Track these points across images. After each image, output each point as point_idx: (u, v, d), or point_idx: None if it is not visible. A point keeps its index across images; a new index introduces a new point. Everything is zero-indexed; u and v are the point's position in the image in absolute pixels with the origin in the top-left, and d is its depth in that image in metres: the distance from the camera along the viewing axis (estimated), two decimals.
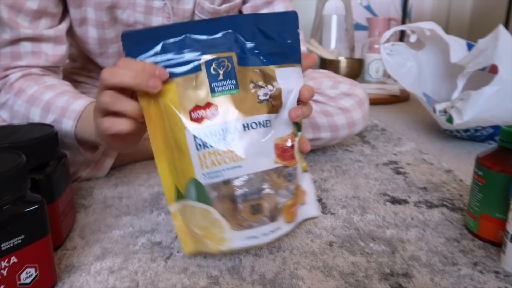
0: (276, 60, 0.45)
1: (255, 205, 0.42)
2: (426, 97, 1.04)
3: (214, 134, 0.42)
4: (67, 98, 0.58)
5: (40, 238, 0.39)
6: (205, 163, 0.42)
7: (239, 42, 0.44)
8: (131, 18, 0.67)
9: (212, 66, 0.43)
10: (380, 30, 1.74)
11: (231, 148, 0.42)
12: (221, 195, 0.42)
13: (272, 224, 0.43)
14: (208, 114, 0.42)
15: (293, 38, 0.46)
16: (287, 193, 0.44)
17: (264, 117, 0.43)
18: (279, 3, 0.77)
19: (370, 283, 0.43)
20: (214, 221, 0.42)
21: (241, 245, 0.42)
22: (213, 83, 0.42)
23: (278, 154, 0.44)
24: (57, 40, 0.63)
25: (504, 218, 0.49)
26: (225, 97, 0.42)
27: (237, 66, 0.43)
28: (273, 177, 0.43)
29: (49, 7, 0.60)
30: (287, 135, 0.45)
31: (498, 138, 0.50)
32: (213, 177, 0.42)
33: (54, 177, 0.47)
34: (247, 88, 0.43)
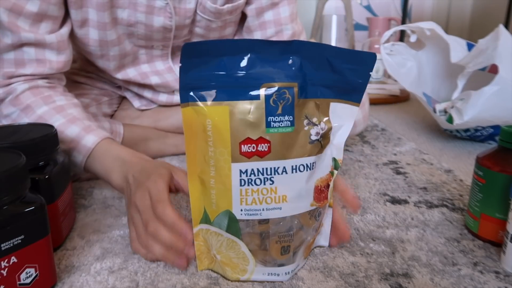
0: (333, 94, 0.43)
1: (286, 246, 0.42)
2: (426, 97, 1.04)
3: (261, 173, 0.40)
4: (78, 129, 0.58)
5: (40, 238, 0.39)
6: (246, 199, 0.40)
7: (304, 71, 0.40)
8: (132, 18, 0.66)
9: (273, 97, 0.39)
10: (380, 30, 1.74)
11: (275, 189, 0.40)
12: (253, 232, 0.41)
13: (294, 264, 0.43)
14: (259, 149, 0.39)
15: (363, 79, 0.44)
16: (314, 232, 0.44)
17: (312, 159, 0.41)
18: (284, 4, 0.75)
19: (370, 283, 0.43)
20: (241, 254, 0.42)
21: (260, 278, 0.43)
22: (270, 117, 0.39)
23: (316, 196, 0.43)
24: (60, 46, 0.62)
25: (504, 218, 0.49)
26: (279, 134, 0.39)
27: (297, 99, 0.40)
28: (307, 218, 0.43)
29: (50, 10, 0.60)
30: (326, 175, 0.43)
31: (498, 138, 0.50)
32: (250, 214, 0.41)
33: (54, 177, 0.47)
34: (302, 125, 0.41)
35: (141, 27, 0.68)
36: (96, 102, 0.79)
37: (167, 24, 0.69)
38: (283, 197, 0.40)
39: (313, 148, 0.41)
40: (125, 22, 0.67)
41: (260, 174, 0.40)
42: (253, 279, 0.43)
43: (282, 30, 0.76)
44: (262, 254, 0.42)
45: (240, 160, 0.39)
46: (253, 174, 0.40)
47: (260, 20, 0.75)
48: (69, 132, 0.58)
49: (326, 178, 0.44)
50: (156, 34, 0.70)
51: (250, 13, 0.75)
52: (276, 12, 0.75)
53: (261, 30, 0.76)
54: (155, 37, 0.71)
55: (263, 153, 0.39)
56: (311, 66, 0.41)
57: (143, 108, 0.84)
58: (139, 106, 0.83)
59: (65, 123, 0.58)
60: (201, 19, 0.72)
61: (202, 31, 0.75)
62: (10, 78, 0.60)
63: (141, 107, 0.83)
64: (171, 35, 0.72)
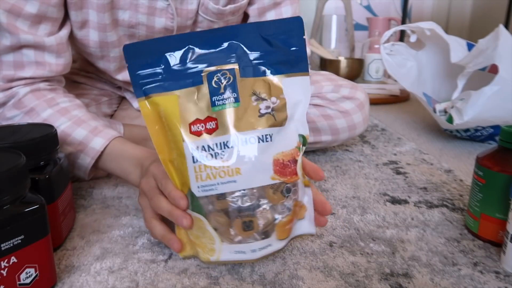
0: (282, 70, 0.44)
1: (248, 221, 0.42)
2: (426, 97, 1.04)
3: (211, 148, 0.42)
4: (85, 132, 0.59)
5: (39, 238, 0.39)
6: (200, 176, 0.42)
7: (243, 52, 0.44)
8: (133, 20, 0.66)
9: (214, 79, 0.43)
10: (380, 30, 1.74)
11: (227, 162, 0.42)
12: (216, 209, 0.42)
13: (263, 241, 0.43)
14: (207, 127, 0.42)
15: (299, 45, 0.45)
16: (284, 209, 0.44)
17: (264, 131, 0.43)
18: (287, 4, 0.75)
19: (370, 283, 0.43)
20: (206, 231, 0.43)
21: (228, 258, 0.43)
22: (214, 97, 0.43)
23: (277, 170, 0.43)
24: (60, 49, 0.62)
25: (504, 218, 0.49)
26: (225, 110, 0.42)
27: (239, 78, 0.43)
28: (269, 192, 0.43)
29: (49, 11, 0.59)
30: (290, 150, 0.44)
31: (498, 138, 0.50)
32: (207, 190, 0.42)
33: (54, 177, 0.47)
34: (249, 101, 0.43)
35: (143, 29, 0.68)
36: (96, 102, 0.79)
37: (168, 25, 0.69)
38: (236, 170, 0.42)
39: (265, 120, 0.43)
40: (126, 23, 0.66)
41: (210, 149, 0.42)
42: (222, 260, 0.43)
43: None
44: (227, 231, 0.42)
45: (190, 139, 0.42)
46: (204, 150, 0.42)
47: (262, 20, 0.75)
48: (76, 134, 0.58)
49: (291, 152, 0.44)
50: (157, 36, 0.70)
51: (252, 13, 0.75)
52: (278, 12, 0.75)
53: None
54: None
55: (211, 130, 0.42)
56: (249, 47, 0.44)
57: None
58: (138, 107, 0.83)
59: (71, 125, 0.59)
60: (203, 20, 0.72)
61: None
62: (11, 81, 0.60)
63: None
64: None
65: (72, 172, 0.61)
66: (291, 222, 0.44)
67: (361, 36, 2.14)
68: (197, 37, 0.43)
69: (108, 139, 0.59)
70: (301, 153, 0.45)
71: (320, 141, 0.79)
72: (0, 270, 0.36)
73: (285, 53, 0.44)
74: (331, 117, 0.77)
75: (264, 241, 0.43)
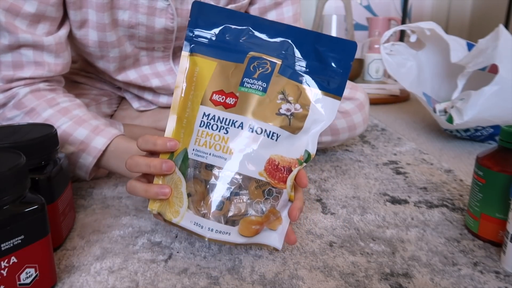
0: (320, 85, 0.46)
1: (220, 201, 0.43)
2: (426, 97, 1.04)
3: (220, 120, 0.44)
4: (86, 132, 0.59)
5: (39, 238, 0.39)
6: (199, 140, 0.44)
7: (291, 53, 0.46)
8: (133, 20, 0.66)
9: (253, 63, 0.45)
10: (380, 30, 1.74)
11: (226, 139, 0.43)
12: (200, 178, 0.44)
13: (224, 226, 0.43)
14: (226, 101, 0.44)
15: (344, 69, 0.46)
16: (258, 209, 0.44)
17: (274, 128, 0.44)
18: (288, 4, 0.75)
19: (370, 283, 0.43)
20: (180, 193, 0.44)
21: (186, 226, 0.44)
22: (245, 78, 0.45)
23: (268, 169, 0.44)
24: (58, 49, 0.62)
25: (504, 218, 0.49)
26: (249, 94, 0.44)
27: (276, 73, 0.45)
28: (252, 186, 0.43)
29: (48, 11, 0.59)
30: (290, 158, 0.44)
31: (498, 138, 0.50)
32: (199, 156, 0.44)
33: (54, 177, 0.47)
34: (275, 97, 0.44)
35: (142, 29, 0.68)
36: (96, 102, 0.79)
37: (168, 26, 0.69)
38: (231, 150, 0.43)
39: (279, 119, 0.44)
40: (126, 23, 0.66)
41: (219, 121, 0.44)
42: (181, 224, 0.44)
43: None
44: (199, 201, 0.44)
45: (207, 105, 0.45)
46: (212, 119, 0.44)
47: None
48: (78, 134, 0.58)
49: (290, 161, 0.44)
50: (157, 36, 0.70)
51: (253, 13, 0.75)
52: (279, 12, 0.75)
53: None
54: (156, 38, 0.71)
55: (228, 105, 0.44)
56: (299, 51, 0.46)
57: (142, 109, 0.83)
58: (138, 107, 0.83)
59: (72, 125, 0.59)
60: None
61: None
62: (10, 82, 0.60)
63: (140, 108, 0.83)
64: (172, 36, 0.71)
65: (73, 172, 0.61)
66: (259, 224, 0.44)
67: (361, 36, 2.14)
68: (259, 22, 0.46)
69: (109, 138, 0.59)
70: (299, 167, 0.45)
71: (320, 142, 0.79)
72: (0, 270, 0.36)
73: (329, 71, 0.46)
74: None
75: (225, 227, 0.43)
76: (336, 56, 0.45)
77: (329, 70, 0.45)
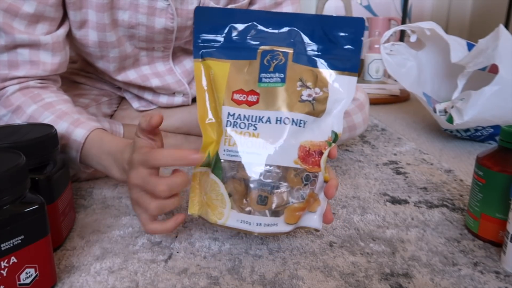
0: (333, 65, 0.46)
1: (264, 196, 0.44)
2: (426, 97, 1.04)
3: (247, 118, 0.45)
4: (66, 124, 0.57)
5: (39, 238, 0.39)
6: (229, 140, 0.44)
7: (300, 40, 0.46)
8: (133, 20, 0.66)
9: (267, 57, 0.46)
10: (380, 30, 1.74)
11: (257, 135, 0.44)
12: (238, 177, 0.44)
13: (271, 218, 0.44)
14: (248, 99, 0.45)
15: (355, 46, 0.47)
16: (298, 195, 0.45)
17: (300, 116, 0.44)
18: (288, 4, 0.75)
19: (370, 283, 0.43)
20: (220, 195, 0.45)
21: (234, 225, 0.45)
22: (262, 73, 0.45)
23: (301, 156, 0.44)
24: (56, 47, 0.62)
25: (504, 218, 0.49)
26: (269, 88, 0.45)
27: (290, 62, 0.46)
28: (291, 175, 0.44)
29: (47, 11, 0.59)
30: (319, 141, 0.45)
31: (498, 138, 0.50)
32: (231, 155, 0.44)
33: (54, 177, 0.47)
34: (294, 85, 0.45)
35: (142, 29, 0.68)
36: (96, 102, 0.79)
37: (168, 26, 0.69)
38: (263, 144, 0.44)
39: (303, 106, 0.45)
40: (126, 24, 0.66)
41: (245, 119, 0.44)
42: (227, 225, 0.45)
43: None
44: (241, 200, 0.44)
45: (230, 105, 0.45)
46: (239, 118, 0.45)
47: None
48: (59, 128, 0.57)
49: (320, 144, 0.45)
50: (157, 36, 0.70)
51: None
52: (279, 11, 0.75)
53: None
54: (156, 39, 0.71)
55: (251, 103, 0.45)
56: (308, 37, 0.46)
57: (142, 109, 0.83)
58: (138, 107, 0.83)
59: (54, 119, 0.58)
60: None
61: None
62: (4, 81, 0.60)
63: (140, 108, 0.83)
64: (172, 36, 0.71)
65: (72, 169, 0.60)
66: (302, 210, 0.45)
67: None
68: (262, 16, 0.47)
69: (89, 130, 0.56)
70: (329, 148, 0.46)
71: None
72: (0, 270, 0.36)
73: (340, 50, 0.46)
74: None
75: (272, 219, 0.44)
76: (344, 34, 0.46)
77: (340, 49, 0.46)
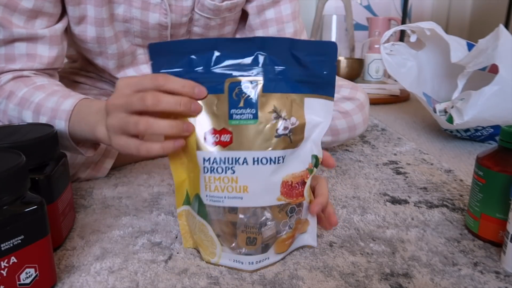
0: (307, 89, 0.44)
1: (252, 238, 0.43)
2: (426, 97, 1.04)
3: (223, 161, 0.42)
4: (56, 98, 0.57)
5: (39, 238, 0.39)
6: (209, 186, 0.43)
7: (270, 66, 0.42)
8: (127, 14, 0.67)
9: (235, 91, 0.42)
10: (380, 30, 1.74)
11: (236, 179, 0.42)
12: (223, 220, 0.43)
13: (261, 255, 0.44)
14: (221, 139, 0.42)
15: (329, 70, 0.44)
16: (285, 227, 0.45)
17: (278, 153, 0.42)
18: (286, 2, 0.75)
19: (370, 283, 0.43)
20: (209, 237, 0.45)
21: (227, 264, 0.45)
22: (232, 109, 0.42)
23: (284, 191, 0.43)
24: (53, 41, 0.62)
25: (504, 218, 0.49)
26: (242, 126, 0.41)
27: (261, 92, 0.42)
28: (275, 211, 0.44)
29: (45, 7, 0.60)
30: (300, 171, 0.44)
31: (498, 138, 0.50)
32: (214, 201, 0.43)
33: (54, 177, 0.47)
34: (268, 118, 0.42)
35: (137, 24, 0.68)
36: None
37: (162, 21, 0.69)
38: (244, 187, 0.42)
39: (280, 142, 0.42)
40: (121, 18, 0.67)
41: (222, 163, 0.42)
42: (221, 263, 0.45)
43: (284, 28, 0.76)
44: (230, 241, 0.44)
45: (204, 149, 0.42)
46: (215, 162, 0.42)
47: (261, 18, 0.75)
48: (49, 103, 0.56)
49: (301, 174, 0.44)
50: (152, 32, 0.70)
51: (251, 11, 0.75)
52: (277, 10, 0.75)
53: (263, 29, 0.76)
54: (151, 34, 0.71)
55: (225, 143, 0.42)
56: (277, 61, 0.42)
57: None
58: None
59: (45, 97, 0.57)
60: (200, 18, 0.72)
61: (200, 30, 0.75)
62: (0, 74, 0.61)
63: None
64: (167, 33, 0.72)
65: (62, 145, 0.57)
66: (291, 238, 0.46)
67: (361, 36, 2.14)
68: (225, 43, 0.42)
69: (78, 99, 0.56)
70: (311, 175, 0.45)
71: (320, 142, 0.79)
72: (0, 270, 0.36)
73: (313, 75, 0.44)
74: (332, 117, 0.77)
75: (263, 255, 0.44)
76: (316, 58, 0.43)
77: (313, 73, 0.44)
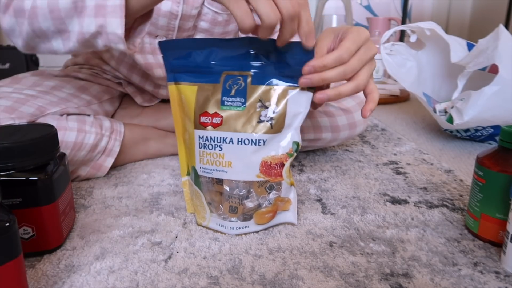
0: (291, 82, 0.50)
1: (234, 207, 0.51)
2: (426, 97, 1.04)
3: (213, 140, 0.50)
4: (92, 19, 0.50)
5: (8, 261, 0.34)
6: (203, 159, 0.51)
7: (258, 62, 0.50)
8: None
9: (228, 82, 0.50)
10: (380, 30, 1.74)
11: (222, 155, 0.50)
12: (213, 190, 0.52)
13: (242, 223, 0.52)
14: (213, 121, 0.50)
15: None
16: (265, 201, 0.51)
17: (259, 136, 0.49)
18: None
19: (370, 283, 0.43)
20: (202, 203, 0.53)
21: (213, 227, 0.53)
22: (224, 97, 0.50)
23: (263, 170, 0.50)
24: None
25: (504, 218, 0.49)
26: (231, 111, 0.50)
27: (250, 85, 0.50)
28: (255, 186, 0.51)
29: None
30: (280, 155, 0.50)
31: (498, 138, 0.50)
32: (206, 172, 0.51)
33: (54, 177, 0.47)
34: (254, 106, 0.49)
35: None
36: (98, 100, 0.79)
37: (174, 10, 0.71)
38: (229, 162, 0.50)
39: (261, 127, 0.49)
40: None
41: (212, 141, 0.50)
42: (210, 227, 0.54)
43: None
44: (218, 208, 0.52)
45: (199, 128, 0.51)
46: (207, 140, 0.50)
47: None
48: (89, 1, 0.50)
49: (281, 157, 0.50)
50: (161, 19, 0.71)
51: None
52: None
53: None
54: (160, 22, 0.72)
55: (216, 125, 0.50)
56: (266, 59, 0.50)
57: (145, 105, 0.84)
58: (142, 102, 0.85)
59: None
60: (208, 12, 0.74)
61: (207, 25, 0.76)
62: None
63: (143, 103, 0.84)
64: (175, 23, 0.73)
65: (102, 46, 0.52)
66: (270, 212, 0.52)
67: None
68: (221, 42, 0.50)
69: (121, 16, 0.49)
70: (291, 159, 0.51)
71: (321, 138, 0.79)
72: None
73: (297, 70, 0.49)
74: (333, 113, 0.77)
75: (243, 223, 0.52)
76: (300, 56, 0.48)
77: (295, 67, 0.49)
